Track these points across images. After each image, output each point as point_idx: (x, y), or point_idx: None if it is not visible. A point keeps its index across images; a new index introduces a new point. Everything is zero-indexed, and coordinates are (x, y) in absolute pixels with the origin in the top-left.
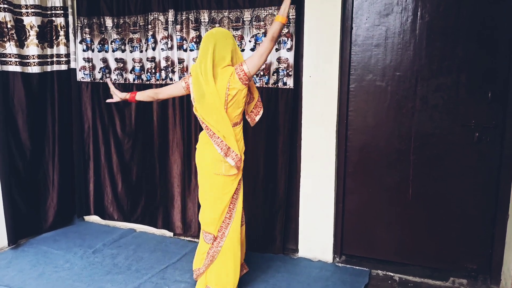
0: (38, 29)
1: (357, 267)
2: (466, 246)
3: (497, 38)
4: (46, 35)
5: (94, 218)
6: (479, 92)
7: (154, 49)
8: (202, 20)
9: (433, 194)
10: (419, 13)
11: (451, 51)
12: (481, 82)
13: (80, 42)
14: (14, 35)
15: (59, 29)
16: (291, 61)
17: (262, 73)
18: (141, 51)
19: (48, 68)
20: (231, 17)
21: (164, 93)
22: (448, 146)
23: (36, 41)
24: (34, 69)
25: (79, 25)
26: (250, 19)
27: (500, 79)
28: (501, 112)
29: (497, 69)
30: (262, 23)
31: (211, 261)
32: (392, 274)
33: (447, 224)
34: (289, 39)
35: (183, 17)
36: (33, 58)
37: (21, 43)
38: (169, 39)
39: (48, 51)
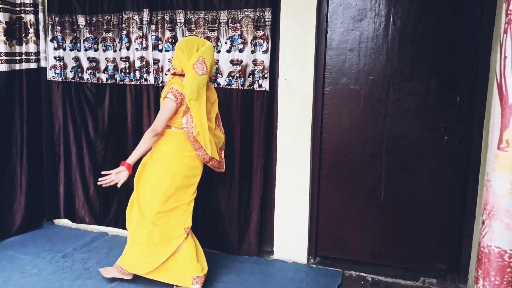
0: (5, 26)
1: (330, 268)
2: (436, 246)
3: (462, 46)
4: (15, 32)
5: (64, 222)
6: (448, 97)
7: (128, 48)
8: (177, 21)
9: (405, 196)
10: (391, 18)
11: (421, 57)
12: (450, 87)
13: (51, 40)
14: None
15: (29, 26)
16: (266, 63)
17: (238, 75)
18: (115, 51)
19: (17, 67)
20: (207, 18)
21: (160, 123)
22: (419, 149)
23: (4, 38)
24: (1, 67)
25: (50, 22)
26: (226, 20)
27: (467, 85)
28: (468, 116)
29: (464, 75)
30: (238, 24)
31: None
32: (365, 274)
33: (418, 225)
34: (265, 41)
35: (159, 17)
36: (0, 56)
37: None
38: (143, 39)
39: (17, 49)
